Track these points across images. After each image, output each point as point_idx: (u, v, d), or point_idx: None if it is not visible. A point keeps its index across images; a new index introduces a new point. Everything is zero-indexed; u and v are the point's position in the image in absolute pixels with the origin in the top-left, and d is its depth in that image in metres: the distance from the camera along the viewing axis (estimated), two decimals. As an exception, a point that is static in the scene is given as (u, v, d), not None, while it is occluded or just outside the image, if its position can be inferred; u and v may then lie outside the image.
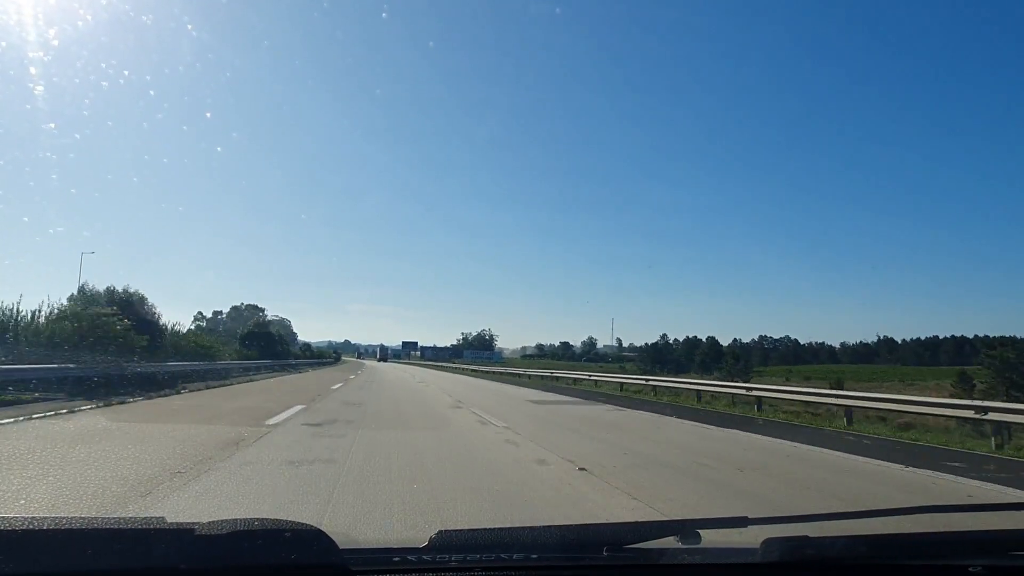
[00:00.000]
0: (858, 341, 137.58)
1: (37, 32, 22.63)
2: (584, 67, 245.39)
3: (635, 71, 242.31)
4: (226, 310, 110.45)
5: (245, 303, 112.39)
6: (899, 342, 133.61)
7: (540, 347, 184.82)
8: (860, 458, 7.08)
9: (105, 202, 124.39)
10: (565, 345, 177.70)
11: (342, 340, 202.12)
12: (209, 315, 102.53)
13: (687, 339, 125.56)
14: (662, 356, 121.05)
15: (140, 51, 68.97)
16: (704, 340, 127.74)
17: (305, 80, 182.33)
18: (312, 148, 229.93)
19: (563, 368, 58.97)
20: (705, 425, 10.44)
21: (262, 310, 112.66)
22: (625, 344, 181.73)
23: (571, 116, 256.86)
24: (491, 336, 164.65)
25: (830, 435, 9.62)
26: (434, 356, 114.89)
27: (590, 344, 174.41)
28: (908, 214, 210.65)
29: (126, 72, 59.77)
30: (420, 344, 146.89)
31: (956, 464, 6.95)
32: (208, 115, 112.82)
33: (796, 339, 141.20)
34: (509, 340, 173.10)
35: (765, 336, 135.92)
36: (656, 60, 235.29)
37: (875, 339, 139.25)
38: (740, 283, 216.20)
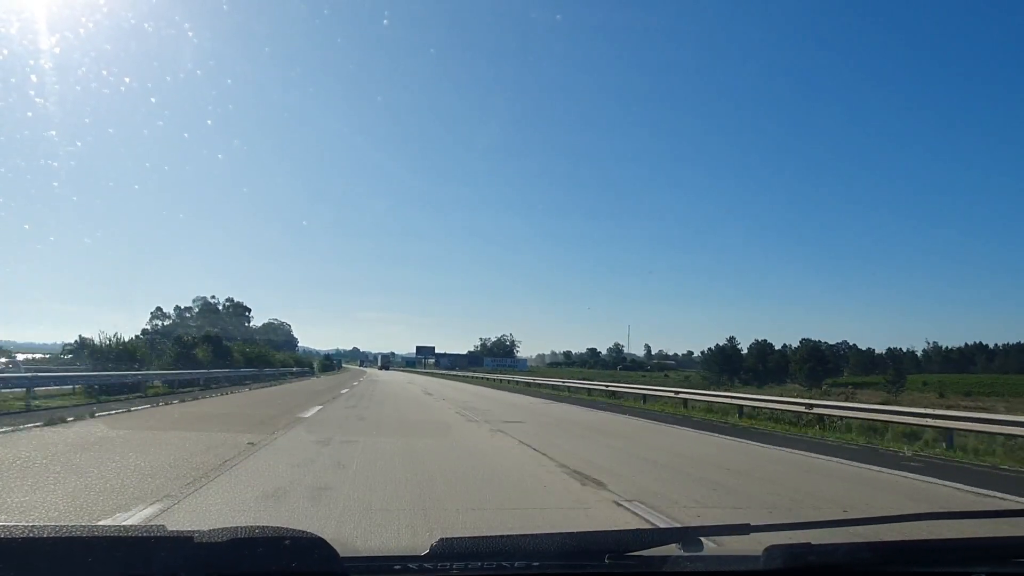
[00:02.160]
0: (947, 346, 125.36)
1: (38, 40, 23.26)
2: (592, 72, 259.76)
3: (646, 77, 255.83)
4: (189, 303, 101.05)
5: (223, 297, 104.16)
6: (991, 347, 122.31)
7: (567, 355, 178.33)
8: None
9: (106, 209, 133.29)
10: (592, 352, 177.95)
11: (350, 348, 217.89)
12: (171, 310, 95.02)
13: (756, 343, 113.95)
14: (730, 363, 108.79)
15: (141, 58, 74.33)
16: (790, 344, 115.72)
17: (306, 87, 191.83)
18: (316, 155, 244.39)
19: (601, 378, 51.74)
20: None
21: (246, 309, 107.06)
22: (654, 351, 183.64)
23: (584, 121, 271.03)
24: (512, 342, 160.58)
25: None
26: (450, 364, 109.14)
27: (617, 351, 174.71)
28: (921, 214, 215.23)
29: (127, 79, 64.30)
30: (435, 350, 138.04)
31: None
32: (209, 122, 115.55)
33: (855, 344, 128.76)
34: (528, 347, 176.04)
35: (819, 341, 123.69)
36: (665, 65, 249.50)
37: (926, 344, 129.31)
38: (764, 288, 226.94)
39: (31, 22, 27.68)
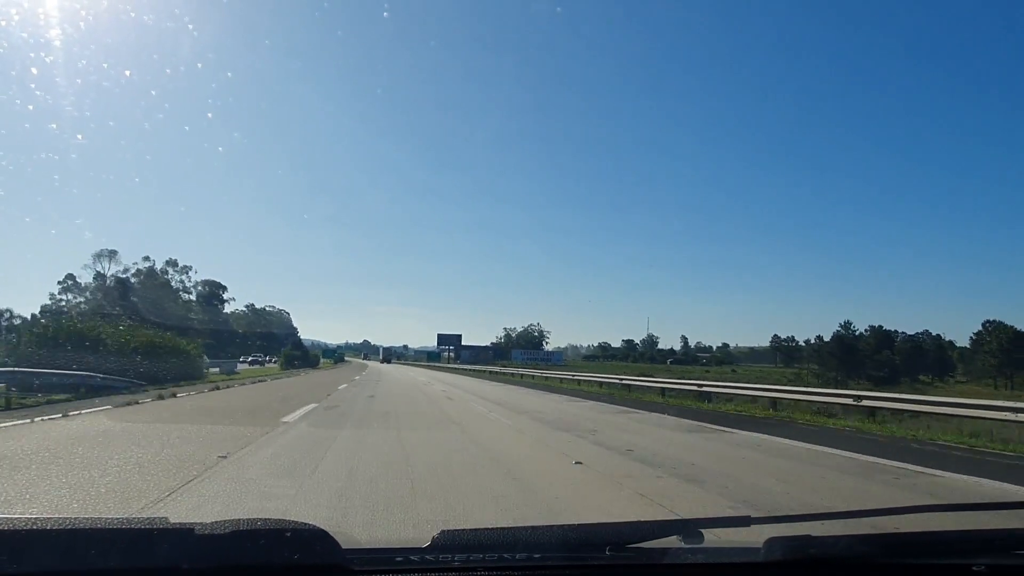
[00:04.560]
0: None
1: (39, 34, 19.41)
2: (594, 64, 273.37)
3: (648, 69, 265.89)
4: (100, 269, 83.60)
5: (164, 259, 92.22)
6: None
7: (604, 347, 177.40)
8: None
9: (107, 202, 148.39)
10: (629, 344, 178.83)
11: (361, 340, 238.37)
12: (91, 278, 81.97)
13: (874, 330, 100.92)
14: (852, 356, 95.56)
15: (141, 51, 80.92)
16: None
17: (307, 79, 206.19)
18: (319, 147, 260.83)
19: (662, 374, 44.61)
20: None
21: (220, 287, 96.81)
22: (692, 344, 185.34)
23: (591, 112, 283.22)
24: (541, 332, 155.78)
25: None
26: (472, 358, 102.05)
27: (651, 342, 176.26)
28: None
29: (127, 72, 69.92)
30: (461, 339, 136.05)
31: None
32: (210, 115, 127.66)
33: (938, 334, 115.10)
34: (552, 339, 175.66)
35: (897, 331, 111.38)
36: (671, 55, 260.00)
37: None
38: (778, 281, 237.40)
39: (32, 16, 29.88)
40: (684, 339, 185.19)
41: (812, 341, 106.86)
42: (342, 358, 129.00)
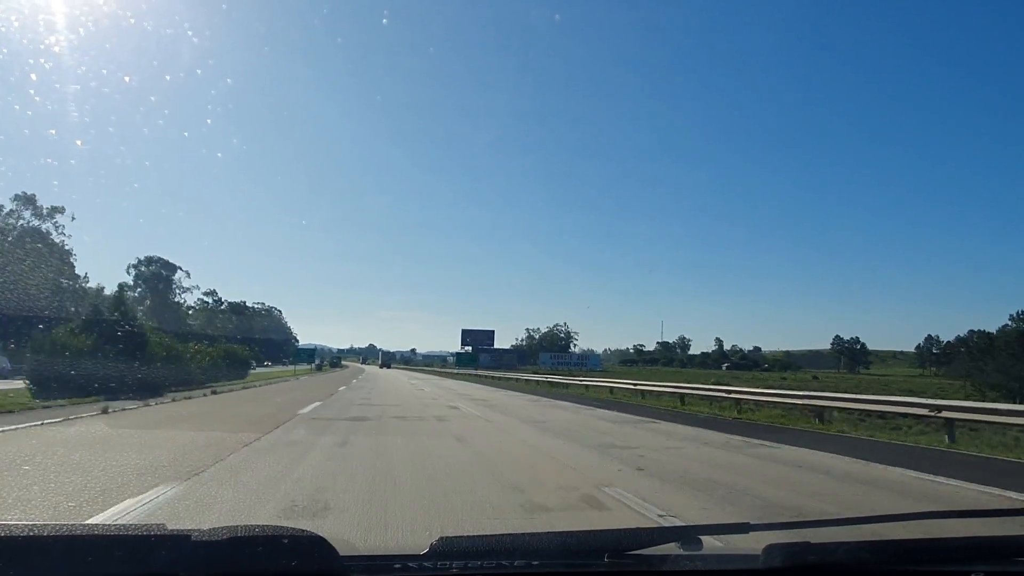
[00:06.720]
0: None
1: (39, 40, 27.15)
2: (602, 69, 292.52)
3: (655, 71, 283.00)
4: None
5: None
6: None
7: (639, 350, 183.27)
8: None
9: (106, 208, 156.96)
10: (665, 346, 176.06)
11: (366, 345, 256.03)
12: None
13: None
14: None
15: (141, 57, 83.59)
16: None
17: (306, 86, 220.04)
18: (318, 154, 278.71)
19: (742, 382, 37.36)
20: None
21: (169, 267, 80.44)
22: (728, 346, 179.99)
23: (594, 114, 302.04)
24: (568, 334, 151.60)
25: None
26: (494, 363, 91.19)
27: (683, 345, 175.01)
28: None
29: (127, 79, 74.54)
30: (494, 337, 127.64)
31: None
32: (209, 121, 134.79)
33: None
34: (580, 341, 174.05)
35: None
36: (675, 55, 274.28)
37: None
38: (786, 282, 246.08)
39: (32, 22, 28.45)
40: (719, 341, 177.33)
41: (970, 335, 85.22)
42: (338, 362, 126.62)
